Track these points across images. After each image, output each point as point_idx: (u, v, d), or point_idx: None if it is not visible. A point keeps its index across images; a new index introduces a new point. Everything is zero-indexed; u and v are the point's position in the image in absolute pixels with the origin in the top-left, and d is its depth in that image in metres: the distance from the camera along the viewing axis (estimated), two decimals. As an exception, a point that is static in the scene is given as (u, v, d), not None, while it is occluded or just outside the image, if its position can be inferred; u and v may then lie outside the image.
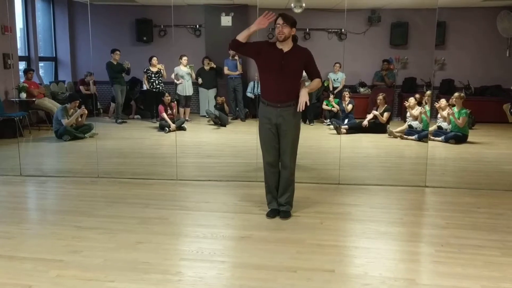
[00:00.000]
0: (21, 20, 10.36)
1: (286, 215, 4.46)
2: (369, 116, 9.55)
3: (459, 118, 8.51)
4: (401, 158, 7.85)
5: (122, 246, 3.79)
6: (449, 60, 11.62)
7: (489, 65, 11.50)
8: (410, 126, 9.17)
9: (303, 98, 4.14)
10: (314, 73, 4.36)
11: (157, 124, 9.77)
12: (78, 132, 8.59)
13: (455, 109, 8.69)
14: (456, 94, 8.90)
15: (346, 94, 10.08)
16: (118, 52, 10.10)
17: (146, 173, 6.21)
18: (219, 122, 10.10)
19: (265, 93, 4.35)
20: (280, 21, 4.20)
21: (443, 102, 9.01)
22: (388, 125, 9.40)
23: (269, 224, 4.33)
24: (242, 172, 6.30)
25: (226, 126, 10.18)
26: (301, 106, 4.14)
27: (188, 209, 4.80)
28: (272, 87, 4.26)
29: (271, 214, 4.49)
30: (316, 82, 4.37)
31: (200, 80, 10.85)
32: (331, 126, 9.66)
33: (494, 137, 9.37)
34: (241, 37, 4.22)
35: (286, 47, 4.23)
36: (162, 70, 10.15)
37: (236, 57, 10.88)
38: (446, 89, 11.14)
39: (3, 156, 7.22)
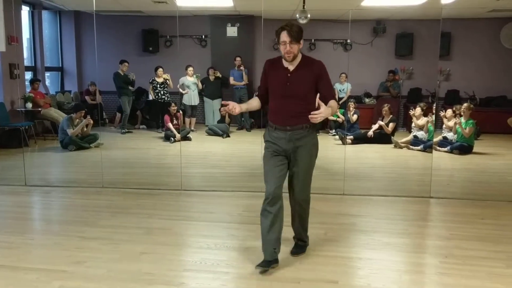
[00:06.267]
0: (27, 30, 10.47)
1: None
2: (374, 127, 9.54)
3: (465, 128, 8.49)
4: (406, 169, 7.82)
5: (126, 257, 3.79)
6: (454, 71, 11.64)
7: (494, 75, 11.49)
8: (415, 137, 9.15)
9: (323, 114, 3.25)
10: (324, 90, 3.50)
11: (162, 134, 9.80)
12: (83, 142, 8.61)
13: (462, 120, 8.67)
14: (465, 105, 8.89)
15: (351, 104, 10.08)
16: (126, 64, 10.14)
17: (150, 183, 6.22)
18: (220, 133, 10.12)
19: (271, 115, 3.60)
20: (285, 37, 3.36)
21: (449, 112, 9.00)
22: (392, 136, 9.38)
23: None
24: (247, 182, 6.30)
25: (230, 135, 10.20)
26: (315, 116, 3.22)
27: (192, 220, 4.80)
28: (278, 110, 3.52)
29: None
30: (334, 104, 3.46)
31: (200, 85, 10.83)
32: (336, 137, 9.66)
33: (499, 148, 9.34)
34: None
35: (293, 64, 3.46)
36: (168, 80, 10.19)
37: (242, 67, 10.94)
38: (451, 100, 11.12)
39: (8, 166, 7.26)
